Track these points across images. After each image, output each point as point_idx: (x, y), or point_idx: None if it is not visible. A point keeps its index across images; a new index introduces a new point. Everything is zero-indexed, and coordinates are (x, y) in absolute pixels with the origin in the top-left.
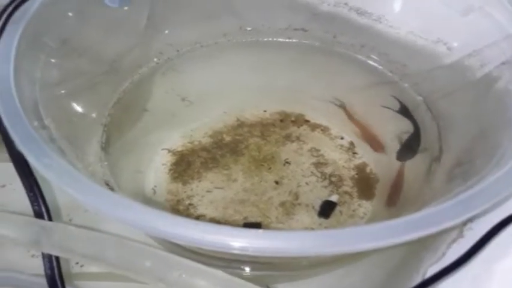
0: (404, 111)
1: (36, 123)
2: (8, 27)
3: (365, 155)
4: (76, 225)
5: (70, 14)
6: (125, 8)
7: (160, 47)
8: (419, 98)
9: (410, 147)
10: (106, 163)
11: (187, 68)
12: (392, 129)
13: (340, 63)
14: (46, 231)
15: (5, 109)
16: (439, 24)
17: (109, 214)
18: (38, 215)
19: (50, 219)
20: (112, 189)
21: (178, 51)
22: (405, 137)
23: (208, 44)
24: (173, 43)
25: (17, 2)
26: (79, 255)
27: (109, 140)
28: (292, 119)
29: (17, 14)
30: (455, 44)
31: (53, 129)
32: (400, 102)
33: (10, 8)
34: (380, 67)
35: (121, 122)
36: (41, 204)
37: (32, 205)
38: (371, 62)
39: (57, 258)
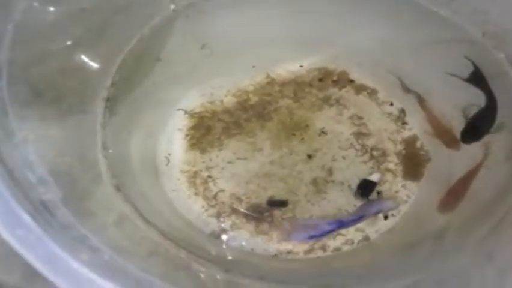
0: (477, 78)
1: None
2: None
3: (417, 126)
4: None
5: None
6: None
7: None
8: (503, 60)
9: (479, 124)
10: (110, 128)
11: (216, 13)
12: (457, 102)
13: (401, 12)
14: None
15: None
16: None
17: None
18: None
19: None
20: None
21: None
22: (472, 111)
23: None
24: None
25: None
26: None
27: (117, 97)
28: (334, 78)
29: None
30: None
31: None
32: (475, 65)
33: None
34: (465, 23)
35: (131, 75)
36: None
37: None
38: (444, 12)
39: None
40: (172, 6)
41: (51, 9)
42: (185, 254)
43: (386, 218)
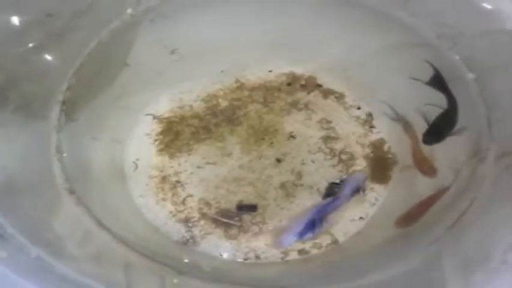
0: (437, 81)
1: None
2: None
3: (384, 129)
4: None
5: None
6: None
7: None
8: (458, 62)
9: (441, 126)
10: (68, 132)
11: (180, 16)
12: (417, 104)
13: (362, 17)
14: None
15: None
16: None
17: None
18: None
19: None
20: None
21: None
22: (433, 114)
23: None
24: None
25: None
26: None
27: (76, 102)
28: (302, 82)
29: None
30: None
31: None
32: (435, 69)
33: None
34: (422, 26)
35: (93, 79)
36: None
37: None
38: (410, 19)
39: None
40: (129, 11)
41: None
42: (136, 257)
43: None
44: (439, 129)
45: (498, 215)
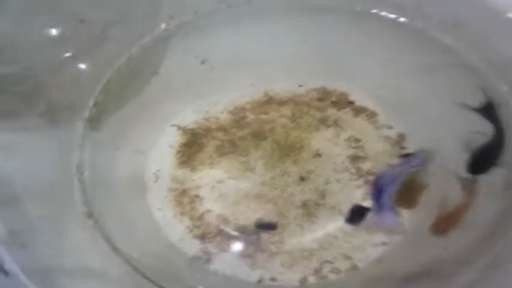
0: (489, 108)
1: None
2: None
3: (416, 150)
4: None
5: None
6: None
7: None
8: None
9: (486, 156)
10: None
11: (213, 29)
12: (455, 130)
13: (407, 36)
14: None
15: None
16: None
17: None
18: None
19: None
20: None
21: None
22: (477, 143)
23: (238, 3)
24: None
25: None
26: None
27: (102, 113)
28: (333, 98)
29: None
30: None
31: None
32: (487, 95)
33: None
34: (469, 50)
35: (123, 90)
36: None
37: None
38: (456, 43)
39: None
40: (163, 26)
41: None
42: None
43: None
44: (484, 158)
45: None
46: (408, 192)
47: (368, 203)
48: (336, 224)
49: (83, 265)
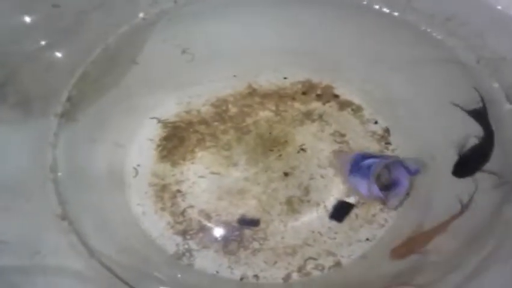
0: (478, 111)
1: None
2: None
3: (401, 146)
4: None
5: None
6: None
7: None
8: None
9: (473, 159)
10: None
11: (194, 18)
12: (446, 131)
13: (393, 29)
14: None
15: None
16: None
17: None
18: None
19: None
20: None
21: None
22: (466, 144)
23: None
24: None
25: None
26: None
27: (78, 103)
28: (318, 92)
29: None
30: None
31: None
32: (482, 100)
33: None
34: (460, 46)
35: (100, 79)
36: None
37: None
38: (438, 34)
39: None
40: (142, 14)
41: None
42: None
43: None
44: (471, 161)
45: None
46: None
47: (352, 199)
48: (320, 221)
49: (58, 265)
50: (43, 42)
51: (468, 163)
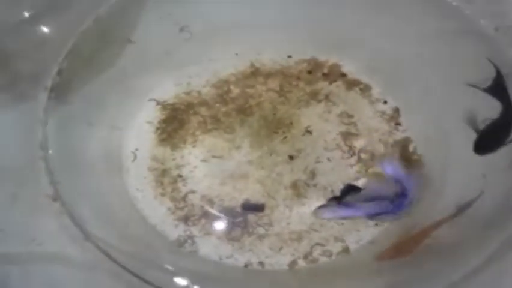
0: (495, 85)
1: None
2: None
3: (412, 127)
4: None
5: None
6: None
7: None
8: None
9: (493, 136)
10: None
11: None
12: (461, 109)
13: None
14: None
15: None
16: None
17: None
18: None
19: None
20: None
21: None
22: (482, 122)
23: None
24: None
25: None
26: None
27: (71, 84)
28: (325, 71)
29: None
30: None
31: None
32: (493, 65)
33: None
34: (477, 15)
35: (93, 57)
36: None
37: None
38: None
39: None
40: None
41: None
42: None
43: None
44: (492, 137)
45: None
46: None
47: (360, 183)
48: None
49: (52, 250)
50: (26, 14)
51: (489, 139)
